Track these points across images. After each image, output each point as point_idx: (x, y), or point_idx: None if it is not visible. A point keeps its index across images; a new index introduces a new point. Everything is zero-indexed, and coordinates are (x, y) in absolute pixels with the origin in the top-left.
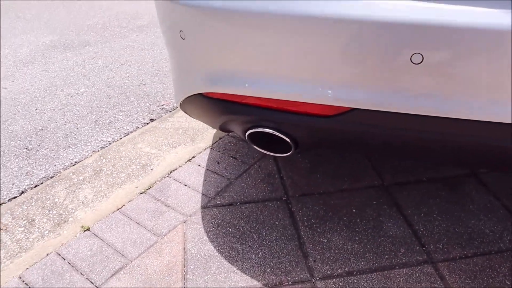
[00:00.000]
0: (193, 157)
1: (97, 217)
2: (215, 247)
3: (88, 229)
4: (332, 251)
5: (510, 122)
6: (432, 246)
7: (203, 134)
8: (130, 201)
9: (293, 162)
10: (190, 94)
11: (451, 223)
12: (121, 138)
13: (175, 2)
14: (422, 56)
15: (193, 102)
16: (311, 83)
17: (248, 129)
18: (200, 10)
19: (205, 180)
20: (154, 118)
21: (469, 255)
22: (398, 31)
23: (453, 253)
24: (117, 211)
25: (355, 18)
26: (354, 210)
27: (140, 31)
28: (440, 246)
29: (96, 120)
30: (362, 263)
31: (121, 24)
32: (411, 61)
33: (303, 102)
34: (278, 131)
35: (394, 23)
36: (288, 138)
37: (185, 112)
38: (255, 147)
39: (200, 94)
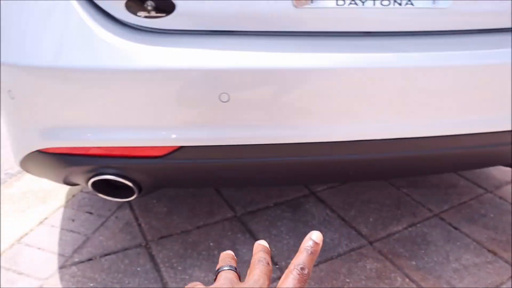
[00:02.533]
0: (46, 218)
1: None
2: None
3: None
4: None
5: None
6: (283, 263)
7: (55, 193)
8: None
9: (150, 208)
10: (27, 152)
11: (298, 239)
12: None
13: (2, 63)
14: (228, 95)
15: (32, 159)
16: (139, 128)
17: (90, 178)
18: (25, 69)
19: (60, 240)
20: None
21: (315, 264)
22: (203, 75)
23: None
24: None
25: (169, 68)
26: (211, 244)
27: None
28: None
29: None
30: None
31: None
32: (220, 99)
33: (138, 147)
34: (118, 176)
35: (203, 70)
36: (130, 182)
37: (27, 171)
38: (100, 195)
39: (37, 151)
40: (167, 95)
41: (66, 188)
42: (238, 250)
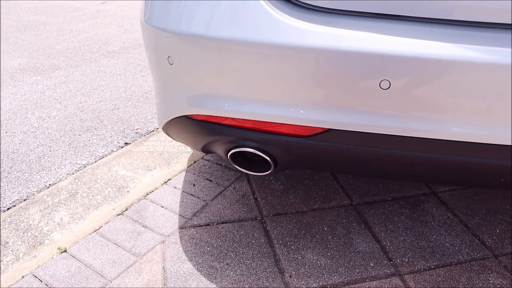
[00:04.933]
0: (169, 179)
1: (74, 239)
2: (194, 266)
3: (65, 251)
4: (306, 266)
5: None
6: (398, 260)
7: (178, 157)
8: (107, 223)
9: (267, 184)
10: (174, 117)
11: (415, 238)
12: (96, 161)
13: (164, 29)
14: (390, 82)
15: (177, 124)
16: (288, 105)
17: (231, 149)
18: (187, 38)
19: (181, 201)
20: (128, 142)
21: (432, 267)
22: (367, 60)
23: (418, 266)
24: (95, 233)
25: (329, 48)
26: (325, 228)
27: (112, 57)
28: (406, 260)
29: (70, 143)
30: (335, 277)
31: (91, 49)
32: (380, 86)
33: (284, 124)
34: (259, 150)
35: (367, 53)
36: (268, 157)
37: (167, 134)
38: (236, 166)
39: (185, 116)
40: (323, 76)
41: (189, 153)
42: (352, 240)
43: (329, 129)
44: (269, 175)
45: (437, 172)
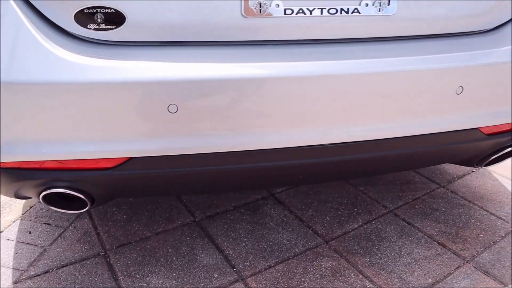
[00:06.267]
0: (0, 232)
1: None
2: None
3: None
4: None
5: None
6: (241, 265)
7: (11, 206)
8: None
9: (109, 216)
10: None
11: (256, 241)
12: None
13: None
14: (177, 106)
15: None
16: (87, 141)
17: (41, 191)
18: None
19: (15, 253)
20: None
21: (272, 265)
22: (151, 87)
23: (259, 267)
24: None
25: (116, 81)
26: (170, 250)
27: None
28: (248, 264)
29: None
30: None
31: None
32: (169, 111)
33: (89, 159)
34: (69, 188)
35: (151, 82)
36: (81, 194)
37: None
38: (52, 208)
39: None
40: (115, 108)
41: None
42: (196, 255)
43: (131, 158)
44: (111, 207)
45: (231, 180)
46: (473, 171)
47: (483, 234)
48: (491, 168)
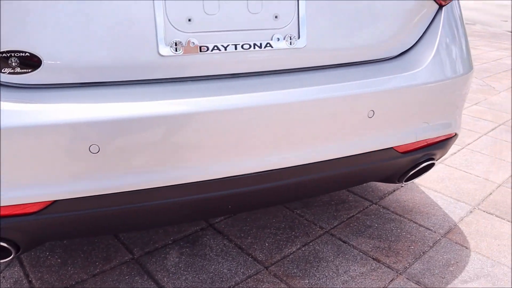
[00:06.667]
0: None
1: None
2: None
3: None
4: None
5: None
6: None
7: None
8: None
9: (42, 262)
10: None
11: (196, 274)
12: None
13: None
14: (98, 146)
15: None
16: (13, 185)
17: None
18: None
19: None
20: None
21: None
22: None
23: None
24: None
25: (35, 124)
26: None
27: None
28: None
29: None
30: None
31: None
32: (90, 151)
33: (11, 205)
34: None
35: (70, 124)
36: (5, 242)
37: None
38: None
39: None
40: (35, 151)
41: None
42: None
43: (56, 201)
44: (44, 251)
45: (158, 215)
46: (402, 186)
47: (414, 246)
48: (418, 181)
